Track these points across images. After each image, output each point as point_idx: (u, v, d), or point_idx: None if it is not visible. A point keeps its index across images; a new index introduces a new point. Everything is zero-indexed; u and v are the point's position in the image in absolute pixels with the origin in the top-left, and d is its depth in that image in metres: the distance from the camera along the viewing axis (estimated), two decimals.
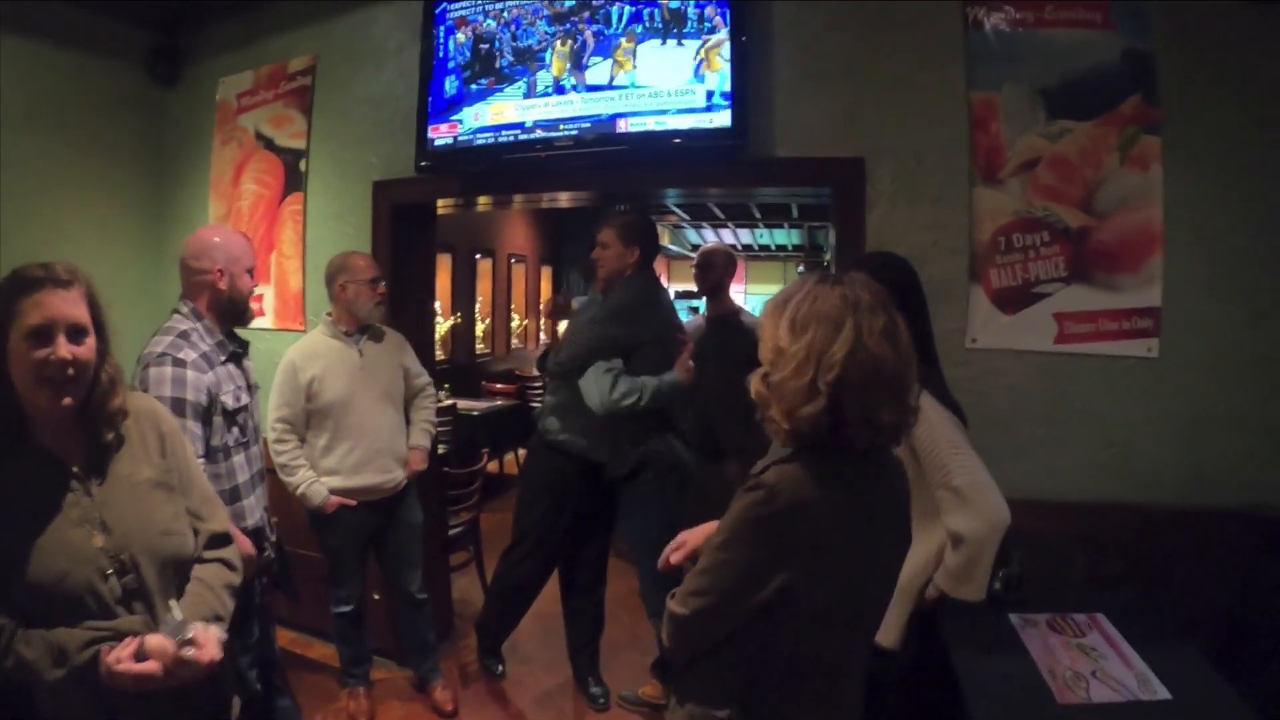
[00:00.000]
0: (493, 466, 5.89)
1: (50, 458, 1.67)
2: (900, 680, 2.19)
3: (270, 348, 3.69)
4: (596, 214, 7.43)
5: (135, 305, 3.90)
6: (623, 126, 3.22)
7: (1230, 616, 2.63)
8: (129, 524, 1.69)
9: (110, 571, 1.64)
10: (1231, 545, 2.72)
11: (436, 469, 3.99)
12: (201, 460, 2.38)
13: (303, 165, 4.01)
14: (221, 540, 1.89)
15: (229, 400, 2.57)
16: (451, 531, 4.52)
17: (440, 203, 4.03)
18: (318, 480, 3.33)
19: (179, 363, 2.44)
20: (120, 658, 1.58)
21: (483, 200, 4.04)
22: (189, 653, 1.62)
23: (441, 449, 4.47)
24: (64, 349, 1.61)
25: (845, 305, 1.47)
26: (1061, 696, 2.00)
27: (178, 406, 2.38)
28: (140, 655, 1.59)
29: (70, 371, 1.62)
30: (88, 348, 1.65)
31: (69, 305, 1.63)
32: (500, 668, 3.97)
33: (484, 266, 9.41)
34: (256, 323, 3.77)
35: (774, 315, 1.55)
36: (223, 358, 2.59)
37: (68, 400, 1.63)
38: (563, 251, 11.71)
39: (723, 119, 3.09)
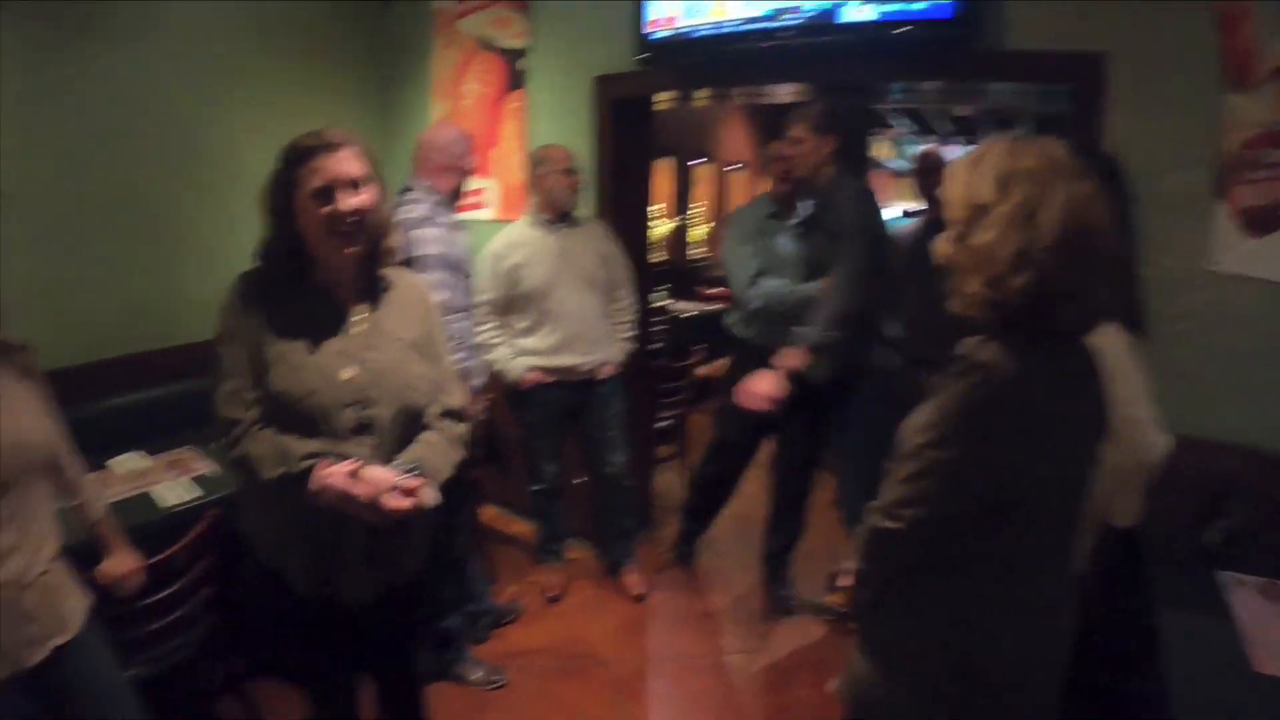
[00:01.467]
0: (706, 370, 5.93)
1: (329, 296, 1.92)
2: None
3: (489, 237, 3.87)
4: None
5: None
6: (845, 15, 3.07)
7: None
8: (380, 368, 1.89)
9: (350, 404, 1.85)
10: None
11: (642, 361, 4.08)
12: (457, 314, 2.90)
13: (523, 64, 4.11)
14: (455, 416, 2.06)
15: (455, 262, 2.89)
16: (659, 425, 4.64)
17: (661, 100, 4.05)
18: (515, 357, 3.55)
19: (436, 224, 2.84)
20: (334, 472, 1.77)
21: (699, 95, 3.99)
22: (408, 482, 1.81)
23: (654, 347, 4.60)
24: (345, 202, 1.82)
25: (1049, 164, 1.33)
26: (1259, 664, 1.81)
27: (439, 261, 2.81)
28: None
29: (354, 219, 1.83)
30: (365, 196, 1.86)
31: (343, 164, 1.83)
32: (691, 560, 4.10)
33: (703, 172, 9.38)
34: (479, 215, 4.01)
35: (968, 170, 1.41)
36: (446, 224, 2.93)
37: (353, 249, 1.86)
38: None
39: (949, 8, 2.88)
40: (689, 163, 9.16)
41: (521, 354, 3.56)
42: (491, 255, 3.55)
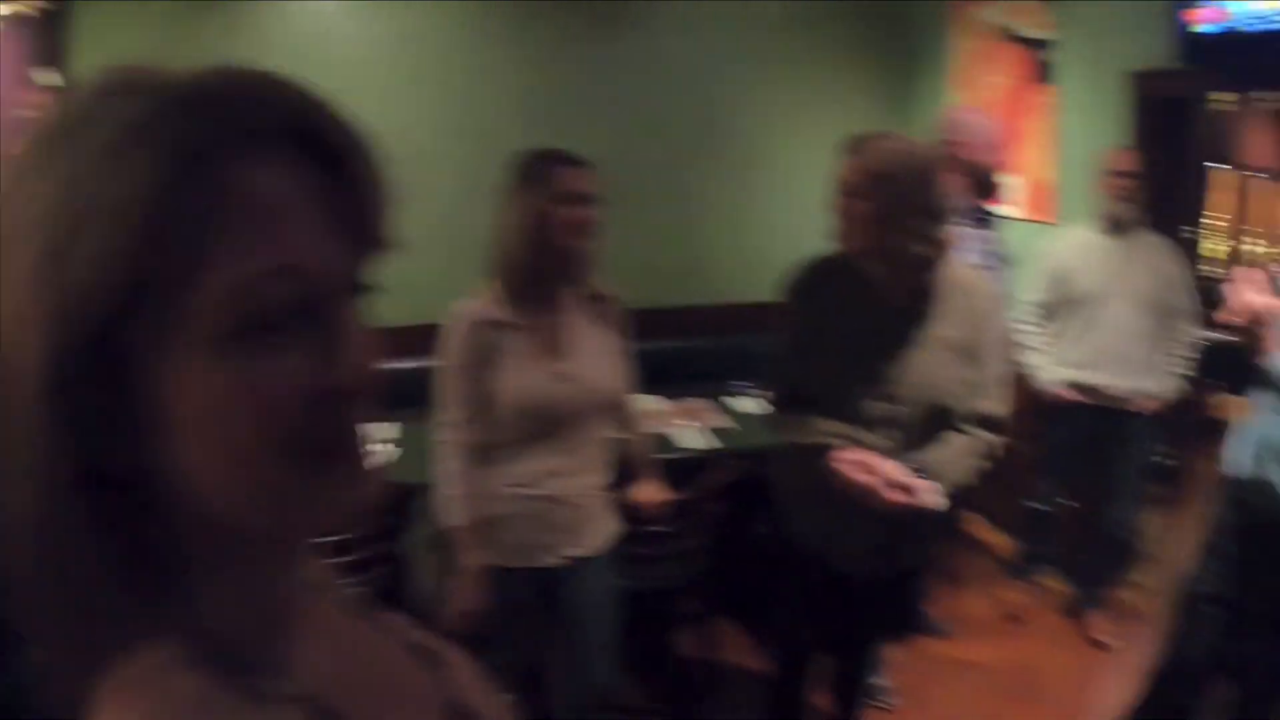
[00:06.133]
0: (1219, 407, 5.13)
1: (876, 291, 2.01)
2: None
3: (1014, 237, 3.78)
4: None
5: None
6: None
7: None
8: (914, 368, 1.98)
9: (877, 396, 1.96)
10: None
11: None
12: None
13: (1049, 56, 3.87)
14: (989, 423, 2.06)
15: (961, 257, 2.78)
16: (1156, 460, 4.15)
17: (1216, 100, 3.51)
18: (1049, 366, 3.42)
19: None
20: (845, 458, 1.90)
21: (1221, 98, 3.40)
22: (908, 481, 1.88)
23: None
24: None
25: None
26: None
27: None
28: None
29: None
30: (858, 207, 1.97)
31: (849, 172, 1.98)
32: None
33: (1222, 179, 8.02)
34: (1004, 211, 3.87)
35: None
36: (962, 221, 2.89)
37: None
38: None
39: None
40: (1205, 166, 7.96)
41: (1059, 364, 3.43)
42: (1048, 253, 3.50)
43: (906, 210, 1.89)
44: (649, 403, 3.61)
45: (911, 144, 1.96)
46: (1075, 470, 3.54)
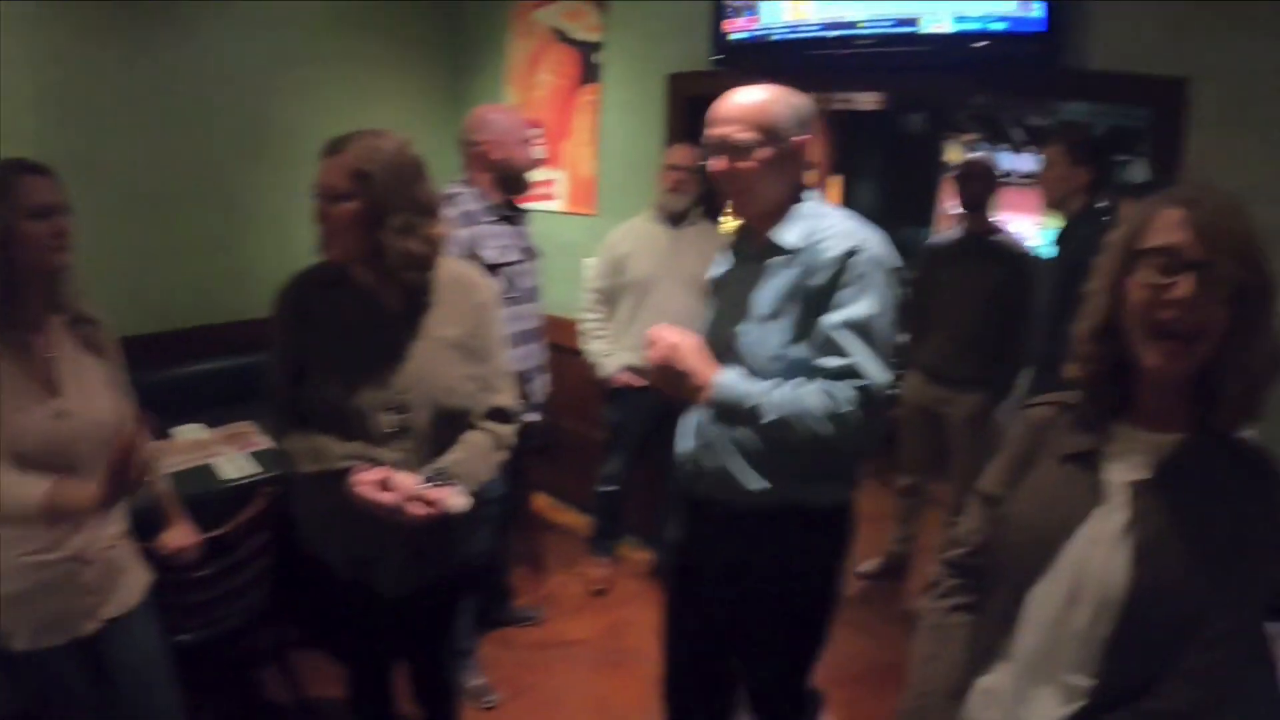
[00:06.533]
0: None
1: (369, 297, 1.92)
2: None
3: (556, 229, 3.94)
4: (888, 121, 7.13)
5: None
6: (924, 26, 3.01)
7: None
8: (418, 373, 1.90)
9: (386, 408, 1.87)
10: None
11: None
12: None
13: (597, 58, 4.11)
14: (501, 415, 2.05)
15: (489, 254, 2.86)
16: None
17: None
18: (612, 354, 3.58)
19: (478, 222, 2.88)
20: (363, 480, 1.80)
21: None
22: (428, 493, 1.83)
23: None
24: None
25: None
26: None
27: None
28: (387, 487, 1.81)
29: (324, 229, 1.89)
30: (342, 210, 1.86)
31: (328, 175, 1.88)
32: None
33: None
34: (548, 205, 4.09)
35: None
36: (490, 218, 2.92)
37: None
38: (856, 161, 11.24)
39: (1035, 24, 2.80)
40: None
41: (618, 351, 3.58)
42: (606, 243, 3.64)
43: (392, 208, 1.83)
44: (191, 432, 3.27)
45: (393, 139, 1.89)
46: (641, 447, 3.76)
